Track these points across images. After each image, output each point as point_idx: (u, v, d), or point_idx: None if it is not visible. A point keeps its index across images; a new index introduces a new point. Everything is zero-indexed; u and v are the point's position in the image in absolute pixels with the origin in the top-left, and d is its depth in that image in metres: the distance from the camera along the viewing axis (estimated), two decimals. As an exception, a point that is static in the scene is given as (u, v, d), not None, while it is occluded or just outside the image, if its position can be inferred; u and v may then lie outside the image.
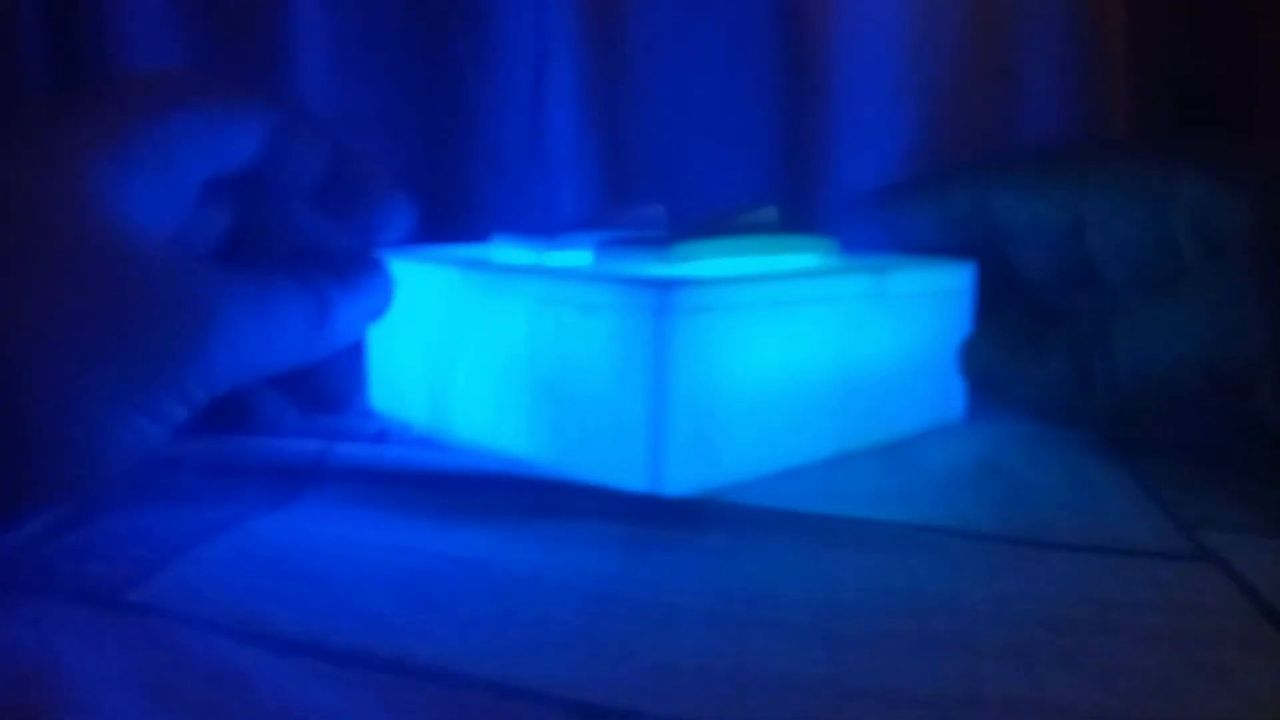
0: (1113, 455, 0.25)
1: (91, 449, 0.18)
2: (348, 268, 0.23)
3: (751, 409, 0.23)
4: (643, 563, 0.18)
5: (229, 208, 0.24)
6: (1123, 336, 0.23)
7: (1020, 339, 0.26)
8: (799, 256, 0.26)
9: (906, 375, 0.27)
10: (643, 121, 0.38)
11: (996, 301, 0.30)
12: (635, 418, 0.21)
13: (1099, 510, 0.21)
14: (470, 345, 0.25)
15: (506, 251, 0.27)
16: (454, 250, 0.28)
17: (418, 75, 0.37)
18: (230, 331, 0.19)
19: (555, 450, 0.23)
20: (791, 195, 0.37)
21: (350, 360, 0.29)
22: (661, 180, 0.38)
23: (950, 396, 0.28)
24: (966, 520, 0.21)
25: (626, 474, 0.21)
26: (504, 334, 0.24)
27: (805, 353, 0.24)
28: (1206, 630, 0.16)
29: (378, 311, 0.24)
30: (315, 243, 0.25)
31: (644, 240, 0.24)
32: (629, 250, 0.24)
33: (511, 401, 0.24)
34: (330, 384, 0.29)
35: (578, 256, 0.25)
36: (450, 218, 0.36)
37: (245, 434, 0.26)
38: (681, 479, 0.21)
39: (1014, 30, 0.36)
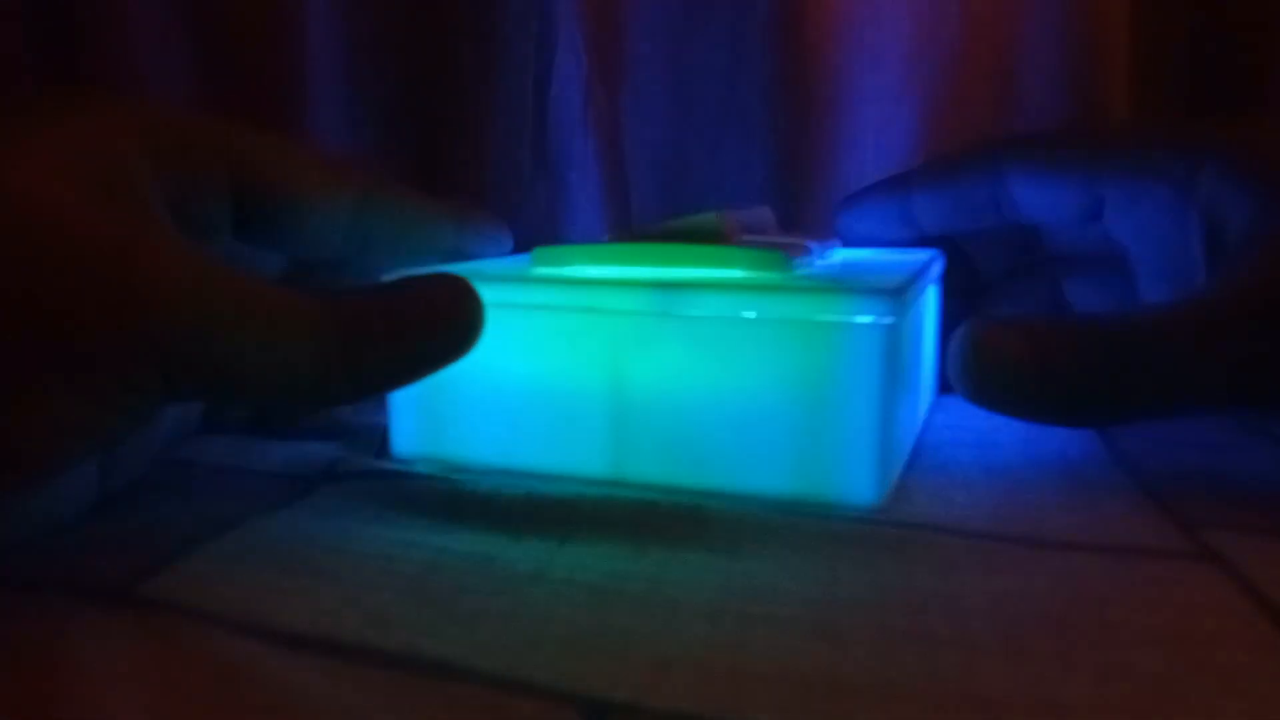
0: (1110, 454, 0.25)
1: (23, 434, 0.16)
2: (402, 286, 0.19)
3: (484, 399, 0.24)
4: (644, 559, 0.18)
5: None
6: (1137, 361, 0.21)
7: (1030, 349, 0.22)
8: (692, 267, 0.23)
9: (731, 419, 0.21)
10: (643, 128, 0.38)
11: (1004, 292, 0.30)
12: None
13: (1096, 509, 0.21)
14: None
15: None
16: None
17: (420, 83, 0.37)
18: (191, 323, 0.16)
19: None
20: (791, 199, 0.37)
21: None
22: (663, 185, 0.38)
23: (848, 472, 0.21)
24: (962, 519, 0.21)
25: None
26: None
27: (554, 359, 0.23)
28: (1206, 630, 0.16)
29: (445, 353, 0.20)
30: None
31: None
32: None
33: None
34: None
35: None
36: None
37: (297, 433, 0.26)
38: (404, 444, 0.25)
39: (1013, 32, 0.36)
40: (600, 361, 0.22)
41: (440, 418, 0.24)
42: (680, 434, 0.22)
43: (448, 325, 0.19)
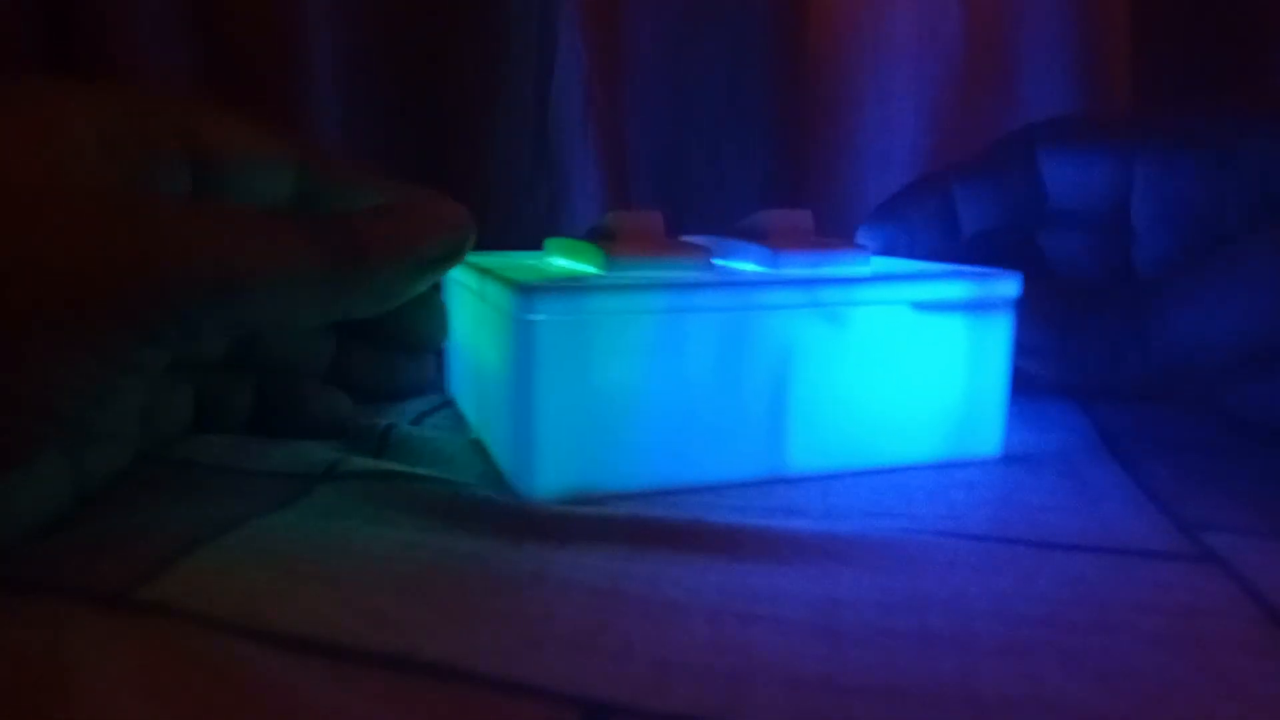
0: (1111, 455, 0.25)
1: (21, 394, 0.16)
2: (395, 206, 0.20)
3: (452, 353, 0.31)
4: (644, 559, 0.18)
5: None
6: (1157, 314, 0.22)
7: (1054, 310, 0.24)
8: (567, 258, 0.26)
9: (492, 395, 0.24)
10: (643, 128, 0.38)
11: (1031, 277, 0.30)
12: None
13: (1098, 510, 0.21)
14: None
15: None
16: None
17: (422, 83, 0.37)
18: (198, 260, 0.17)
19: None
20: (791, 199, 0.37)
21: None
22: (663, 184, 0.38)
23: (523, 459, 0.22)
24: (962, 519, 0.21)
25: None
26: None
27: (461, 328, 0.28)
28: (1208, 631, 0.16)
29: (446, 255, 0.20)
30: None
31: None
32: None
33: None
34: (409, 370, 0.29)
35: None
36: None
37: (297, 428, 0.26)
38: (448, 386, 0.31)
39: (1015, 32, 0.36)
40: (470, 334, 0.27)
41: (449, 365, 0.31)
42: (483, 405, 0.26)
43: (445, 233, 0.20)
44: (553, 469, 0.21)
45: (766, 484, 0.23)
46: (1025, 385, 0.30)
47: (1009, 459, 0.25)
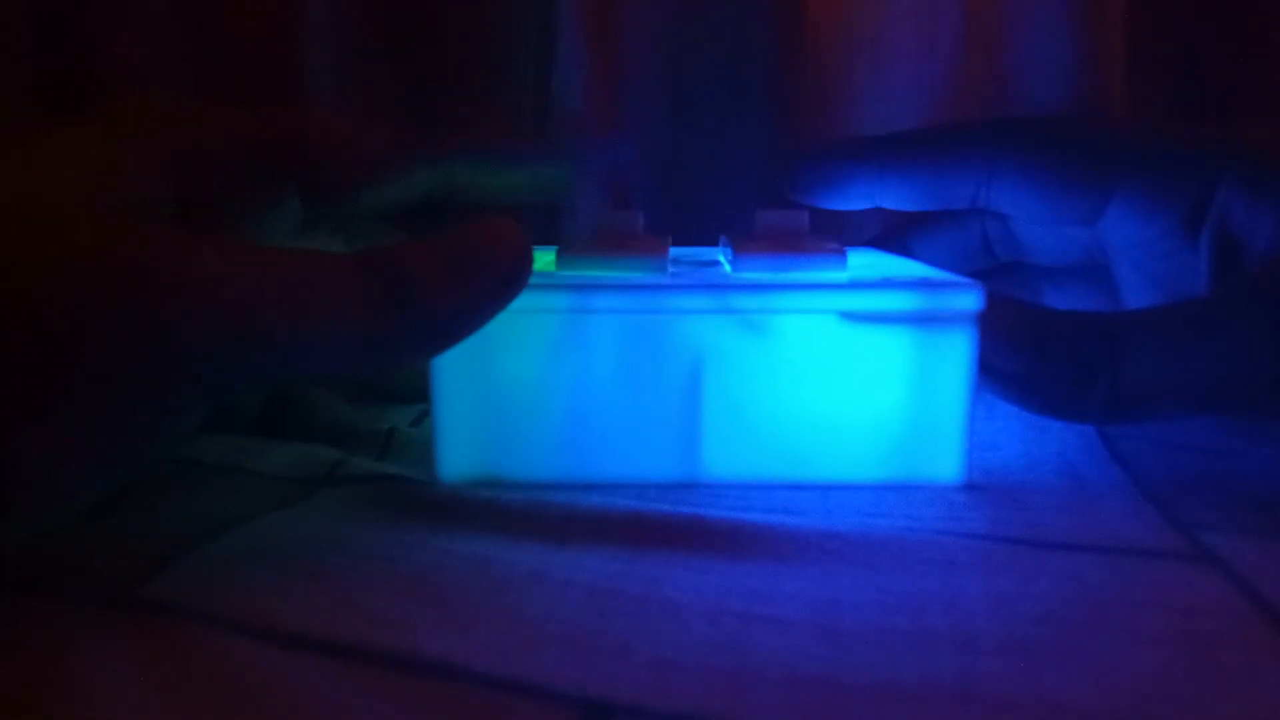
0: (1110, 455, 0.25)
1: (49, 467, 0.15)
2: (444, 230, 0.18)
3: None
4: (644, 560, 0.18)
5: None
6: (1127, 352, 0.21)
7: (1023, 332, 0.22)
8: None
9: None
10: (644, 127, 0.38)
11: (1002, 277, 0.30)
12: None
13: (1096, 510, 0.21)
14: None
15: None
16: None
17: (420, 82, 0.37)
18: (191, 308, 0.15)
19: None
20: (790, 200, 0.37)
21: None
22: (663, 185, 0.38)
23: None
24: (962, 519, 0.21)
25: None
26: None
27: None
28: (1206, 631, 0.16)
29: (507, 284, 0.18)
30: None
31: None
32: None
33: None
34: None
35: None
36: (449, 217, 0.36)
37: (301, 431, 0.26)
38: None
39: (1014, 32, 0.36)
40: None
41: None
42: None
43: (502, 267, 0.18)
44: (454, 454, 0.23)
45: (683, 487, 0.23)
46: None
47: (1010, 458, 0.25)
